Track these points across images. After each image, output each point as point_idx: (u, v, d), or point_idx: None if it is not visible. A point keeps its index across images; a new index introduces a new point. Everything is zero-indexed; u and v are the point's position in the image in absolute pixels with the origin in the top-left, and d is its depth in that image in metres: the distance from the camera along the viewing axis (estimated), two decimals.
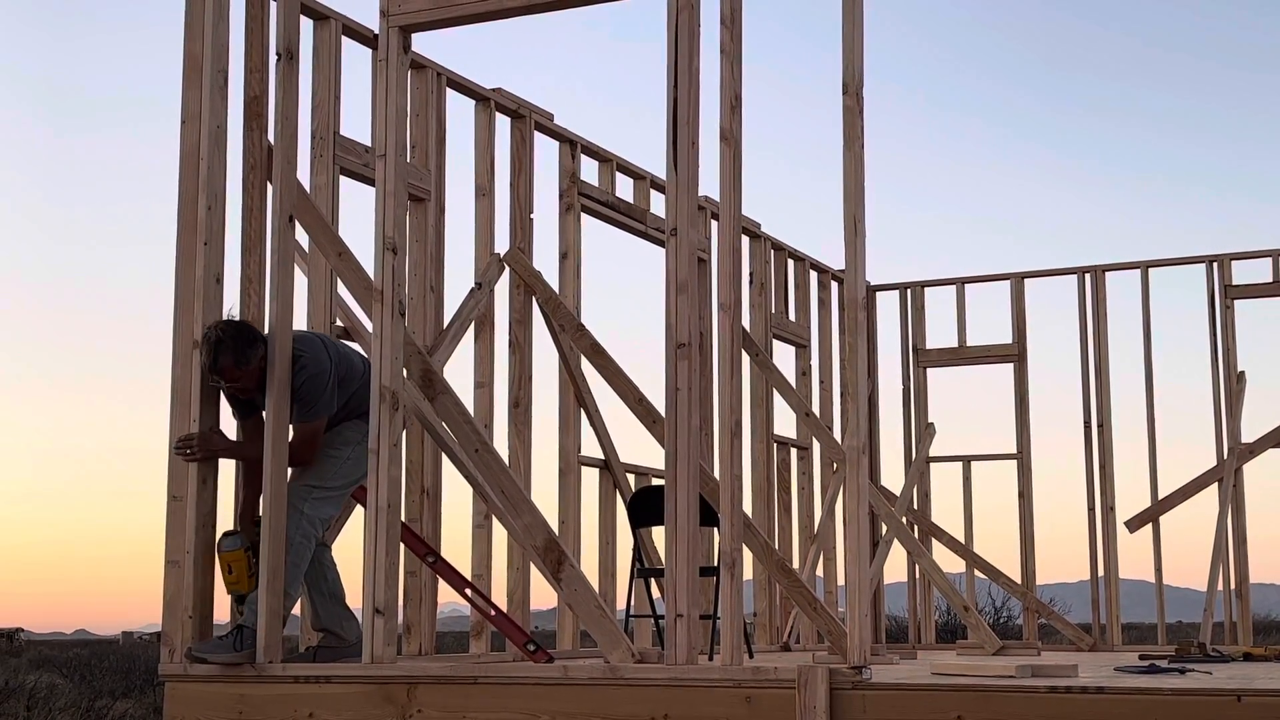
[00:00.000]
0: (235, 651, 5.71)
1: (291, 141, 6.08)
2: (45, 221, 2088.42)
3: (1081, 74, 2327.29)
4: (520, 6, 5.58)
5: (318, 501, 5.91)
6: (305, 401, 5.88)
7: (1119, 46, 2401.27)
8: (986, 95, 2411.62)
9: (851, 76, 5.18)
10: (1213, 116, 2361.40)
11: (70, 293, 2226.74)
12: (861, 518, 5.08)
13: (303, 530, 5.84)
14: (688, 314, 5.25)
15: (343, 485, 5.99)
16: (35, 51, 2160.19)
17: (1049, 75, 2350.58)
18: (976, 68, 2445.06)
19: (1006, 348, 11.48)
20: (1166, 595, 11.01)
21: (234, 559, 5.84)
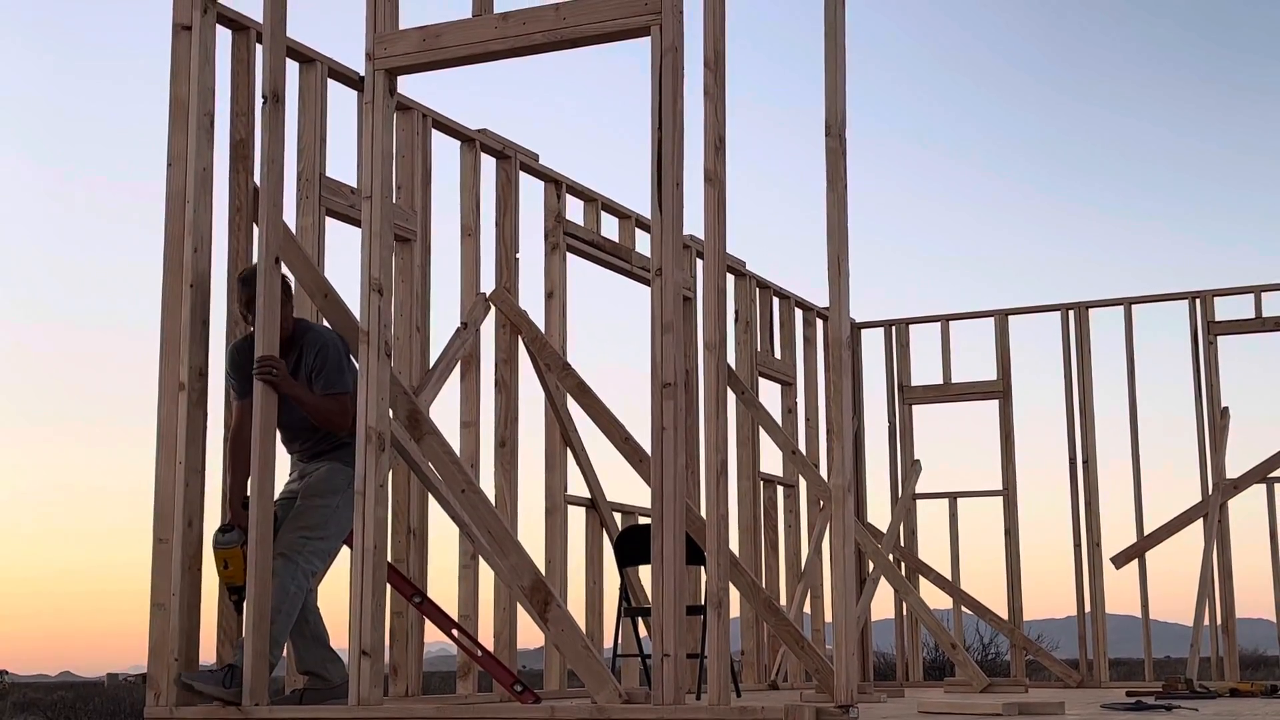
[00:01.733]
0: (224, 688, 5.69)
1: (277, 183, 6.10)
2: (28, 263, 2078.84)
3: (1065, 113, 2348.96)
4: (505, 50, 5.61)
5: (311, 554, 5.88)
6: (333, 368, 5.91)
7: (1103, 87, 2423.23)
8: (970, 134, 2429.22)
9: (834, 118, 5.22)
10: (1195, 154, 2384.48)
11: (55, 333, 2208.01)
12: (847, 555, 5.08)
13: (297, 581, 5.81)
14: (673, 353, 5.26)
15: (337, 534, 5.96)
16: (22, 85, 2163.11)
17: (1033, 114, 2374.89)
18: (960, 107, 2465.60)
19: (991, 384, 11.51)
20: (1153, 630, 11.02)
21: (230, 555, 5.83)
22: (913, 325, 11.93)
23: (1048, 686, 10.72)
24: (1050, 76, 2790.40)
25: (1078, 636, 10.91)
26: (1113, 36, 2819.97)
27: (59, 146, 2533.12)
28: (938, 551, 11.47)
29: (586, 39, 5.49)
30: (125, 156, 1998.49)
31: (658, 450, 5.23)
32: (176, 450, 5.98)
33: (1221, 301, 10.94)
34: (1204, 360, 10.83)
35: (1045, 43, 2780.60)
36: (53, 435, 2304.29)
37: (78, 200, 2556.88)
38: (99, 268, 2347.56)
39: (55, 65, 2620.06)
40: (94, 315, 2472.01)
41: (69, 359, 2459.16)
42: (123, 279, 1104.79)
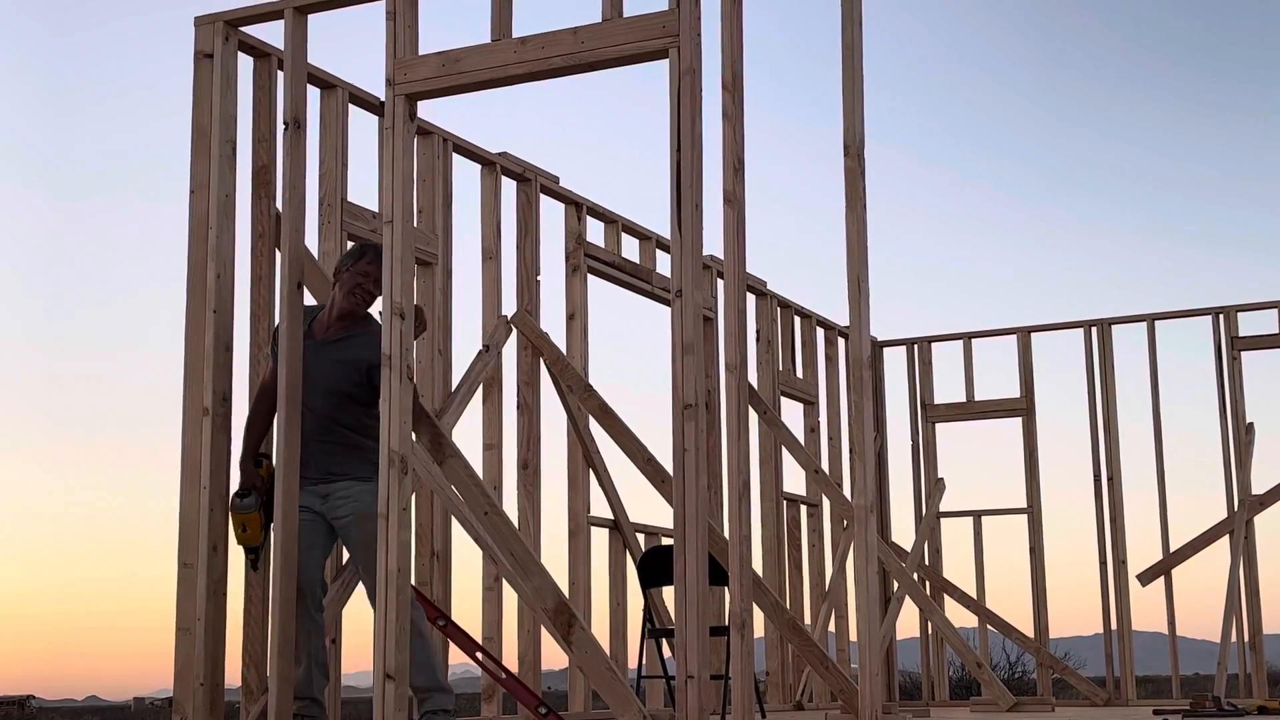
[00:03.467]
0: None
1: (299, 209, 6.13)
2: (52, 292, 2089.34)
3: (1087, 129, 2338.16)
4: (525, 73, 5.63)
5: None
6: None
7: (1123, 102, 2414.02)
8: (992, 154, 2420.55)
9: (852, 138, 5.23)
10: (1218, 170, 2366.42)
11: (80, 357, 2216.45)
12: (871, 575, 5.07)
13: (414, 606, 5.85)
14: (694, 374, 5.27)
15: None
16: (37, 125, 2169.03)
17: (1054, 131, 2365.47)
18: (980, 125, 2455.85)
19: (1014, 402, 11.49)
20: (1180, 648, 10.96)
21: (249, 519, 5.86)
22: (935, 343, 11.92)
23: (1074, 705, 10.67)
24: (1071, 97, 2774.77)
25: (1104, 654, 10.86)
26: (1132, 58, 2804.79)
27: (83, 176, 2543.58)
28: (962, 570, 11.46)
29: (605, 62, 5.51)
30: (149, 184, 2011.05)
31: (679, 471, 5.23)
32: (201, 475, 6.00)
33: (1245, 317, 10.91)
34: (1228, 376, 10.79)
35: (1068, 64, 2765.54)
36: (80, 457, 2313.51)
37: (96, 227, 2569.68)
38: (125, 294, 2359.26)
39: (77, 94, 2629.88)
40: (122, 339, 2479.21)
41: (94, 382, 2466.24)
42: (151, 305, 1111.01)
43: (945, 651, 11.76)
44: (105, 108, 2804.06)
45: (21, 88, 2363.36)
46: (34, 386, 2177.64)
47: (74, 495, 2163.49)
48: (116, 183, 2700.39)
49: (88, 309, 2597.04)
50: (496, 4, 5.72)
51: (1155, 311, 11.08)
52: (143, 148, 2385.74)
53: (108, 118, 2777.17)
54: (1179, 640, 10.91)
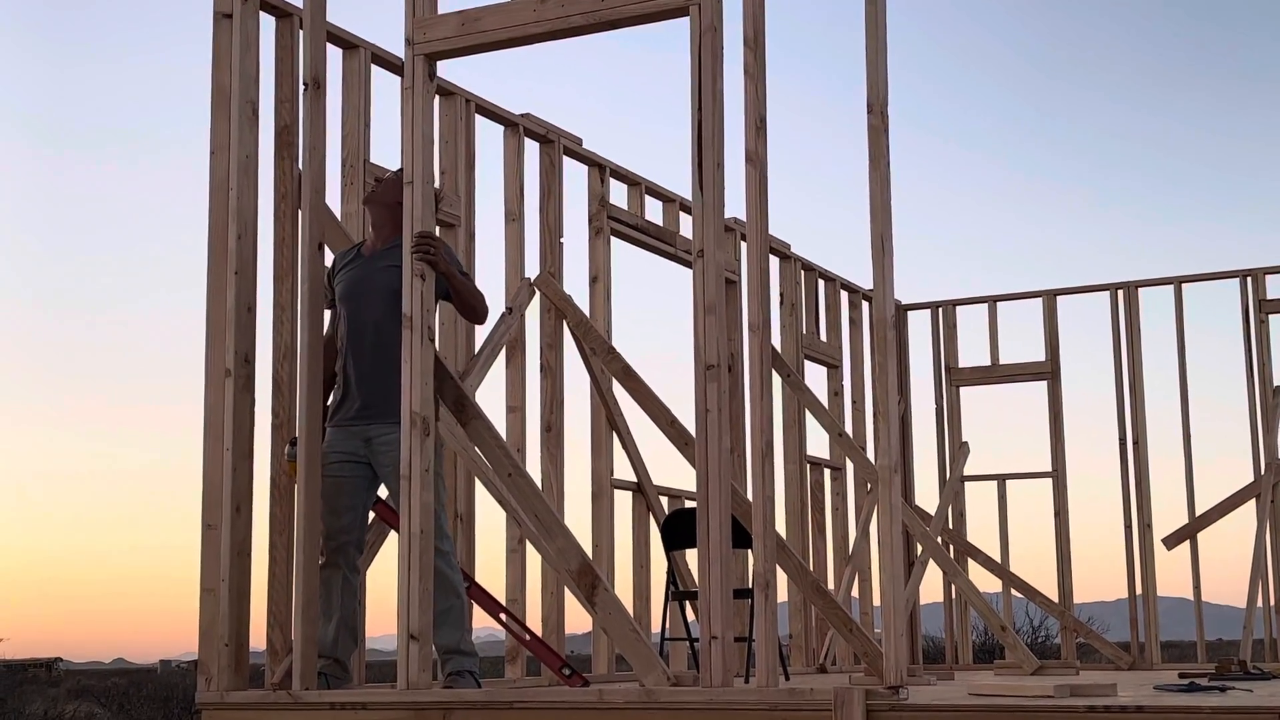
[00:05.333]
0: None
1: (321, 170, 6.12)
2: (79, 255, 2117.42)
3: (1113, 90, 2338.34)
4: (545, 32, 5.60)
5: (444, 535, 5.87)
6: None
7: (1149, 64, 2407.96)
8: (1017, 114, 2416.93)
9: (876, 95, 5.18)
10: (1245, 131, 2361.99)
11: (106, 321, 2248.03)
12: (895, 538, 5.05)
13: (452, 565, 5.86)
14: (716, 335, 5.25)
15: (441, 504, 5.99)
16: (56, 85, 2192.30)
17: (1080, 91, 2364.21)
18: (1006, 87, 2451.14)
19: (1040, 365, 11.43)
20: (1205, 612, 10.93)
21: (293, 468, 5.92)
22: (960, 306, 11.87)
23: (1099, 669, 10.65)
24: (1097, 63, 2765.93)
25: (1129, 619, 10.83)
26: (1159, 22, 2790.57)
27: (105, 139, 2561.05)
28: (986, 534, 11.43)
29: (626, 20, 5.47)
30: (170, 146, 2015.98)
31: (703, 433, 5.22)
32: (224, 436, 6.01)
33: (1273, 279, 10.82)
34: (1255, 339, 10.71)
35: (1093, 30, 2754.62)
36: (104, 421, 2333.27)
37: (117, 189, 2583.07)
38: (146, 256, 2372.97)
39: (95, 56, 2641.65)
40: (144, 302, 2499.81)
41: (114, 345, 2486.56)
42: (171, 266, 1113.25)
43: (969, 615, 11.75)
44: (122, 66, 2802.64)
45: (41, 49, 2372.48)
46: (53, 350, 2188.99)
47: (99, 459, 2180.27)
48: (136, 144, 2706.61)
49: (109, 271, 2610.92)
50: None
51: (1182, 274, 11.00)
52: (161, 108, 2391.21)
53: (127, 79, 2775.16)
54: (1204, 605, 10.87)
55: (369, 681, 6.54)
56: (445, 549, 5.84)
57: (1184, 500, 10.77)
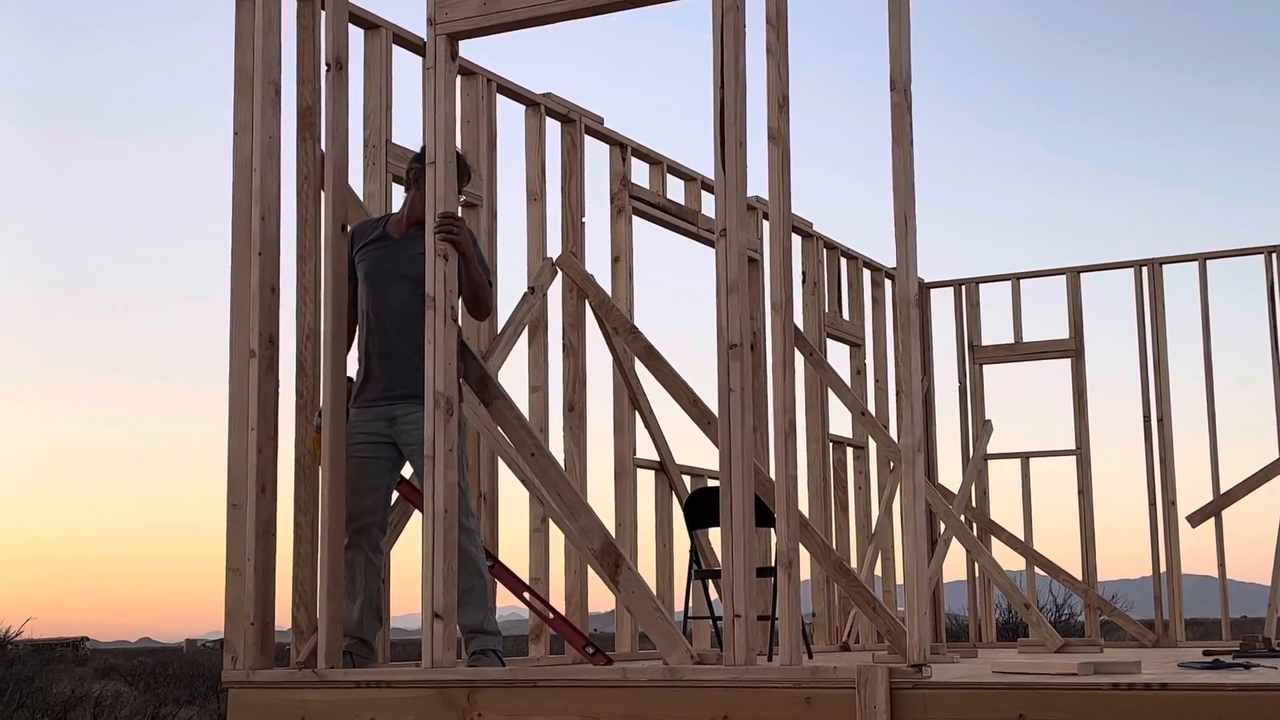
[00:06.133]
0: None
1: (343, 151, 6.13)
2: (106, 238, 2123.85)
3: (1137, 67, 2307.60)
4: (566, 10, 5.59)
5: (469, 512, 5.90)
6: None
7: (1173, 42, 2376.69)
8: (1041, 92, 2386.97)
9: (899, 73, 5.16)
10: (1269, 107, 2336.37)
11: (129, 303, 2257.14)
12: (918, 516, 5.05)
13: (475, 543, 5.88)
14: (739, 314, 5.25)
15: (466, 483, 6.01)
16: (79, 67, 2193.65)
17: (1104, 69, 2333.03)
18: (1029, 66, 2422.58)
19: (1063, 343, 11.40)
20: (1230, 590, 10.90)
21: (316, 441, 5.98)
22: (983, 284, 11.83)
23: (1123, 646, 10.64)
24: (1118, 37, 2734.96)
25: (1153, 596, 10.81)
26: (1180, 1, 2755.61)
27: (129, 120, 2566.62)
28: (1010, 512, 11.42)
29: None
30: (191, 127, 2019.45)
31: (725, 412, 5.23)
32: (248, 416, 6.04)
33: None
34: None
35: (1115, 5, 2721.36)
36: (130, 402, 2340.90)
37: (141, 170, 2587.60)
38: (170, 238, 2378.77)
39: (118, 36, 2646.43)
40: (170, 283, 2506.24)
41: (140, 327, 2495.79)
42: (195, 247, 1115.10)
43: (993, 593, 11.74)
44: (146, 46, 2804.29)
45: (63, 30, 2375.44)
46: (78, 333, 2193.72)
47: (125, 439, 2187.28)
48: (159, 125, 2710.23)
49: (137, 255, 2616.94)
50: None
51: (1206, 251, 10.94)
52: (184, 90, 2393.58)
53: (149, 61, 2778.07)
54: (1229, 583, 10.84)
55: (393, 660, 6.58)
56: (470, 527, 5.86)
57: (1209, 477, 10.73)
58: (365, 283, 6.09)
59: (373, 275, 6.08)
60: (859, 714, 4.83)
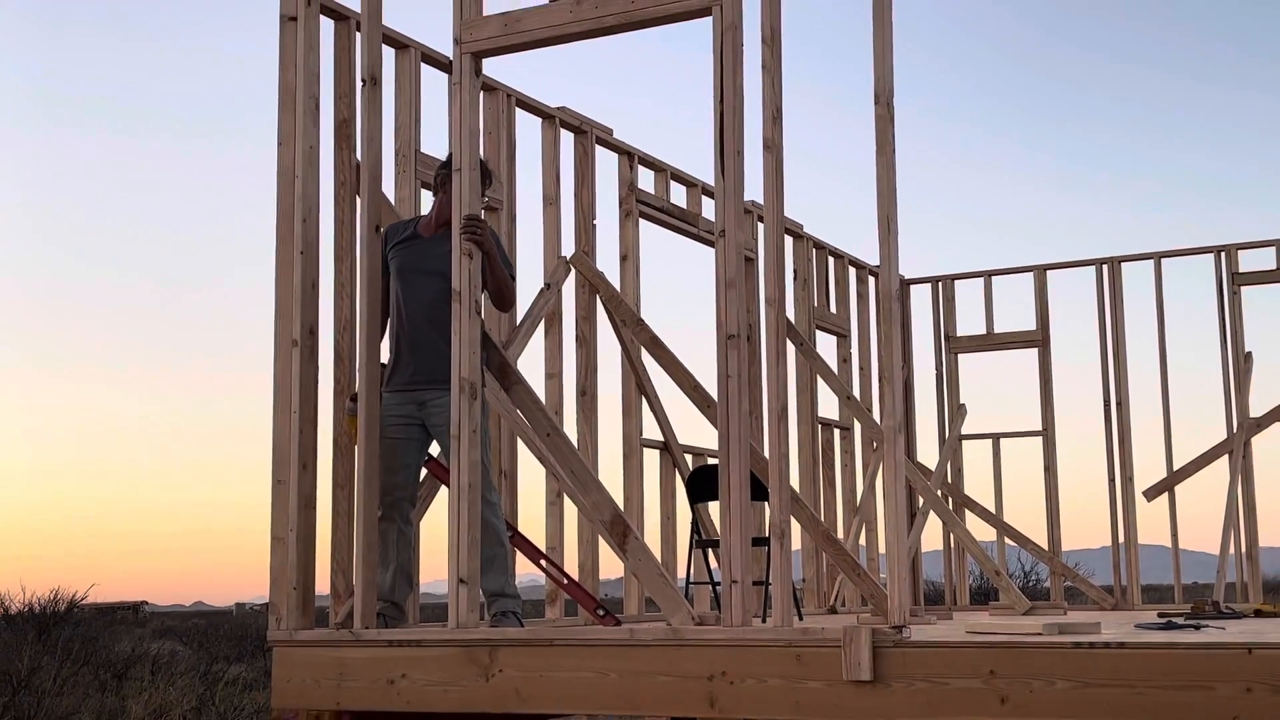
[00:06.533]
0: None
1: (377, 159, 6.12)
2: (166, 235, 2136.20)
3: (1100, 79, 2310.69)
4: (580, 31, 5.58)
5: (491, 487, 5.89)
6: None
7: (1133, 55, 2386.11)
8: (1012, 101, 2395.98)
9: (882, 88, 5.15)
10: (1221, 116, 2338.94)
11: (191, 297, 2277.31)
12: (899, 491, 5.05)
13: (498, 514, 5.90)
14: (737, 308, 5.24)
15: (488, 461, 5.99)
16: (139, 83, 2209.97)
17: (1070, 80, 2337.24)
18: (1003, 76, 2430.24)
19: (1031, 334, 11.38)
20: (1182, 559, 10.88)
21: (351, 422, 6.00)
22: (958, 280, 11.80)
23: (1085, 609, 10.62)
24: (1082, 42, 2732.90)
25: (1112, 564, 10.80)
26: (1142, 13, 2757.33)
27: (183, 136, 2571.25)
28: (982, 487, 11.40)
29: (654, 20, 5.45)
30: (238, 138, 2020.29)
31: (724, 397, 5.22)
32: (291, 400, 6.04)
33: (1245, 254, 10.73)
34: (1229, 309, 10.63)
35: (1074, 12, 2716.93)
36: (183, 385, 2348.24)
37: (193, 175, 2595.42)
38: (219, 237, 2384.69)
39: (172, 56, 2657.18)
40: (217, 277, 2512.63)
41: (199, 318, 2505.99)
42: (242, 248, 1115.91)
43: (966, 561, 11.73)
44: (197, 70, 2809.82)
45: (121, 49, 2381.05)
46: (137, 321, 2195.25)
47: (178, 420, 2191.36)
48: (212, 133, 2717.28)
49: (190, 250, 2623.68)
50: None
51: (1162, 250, 10.91)
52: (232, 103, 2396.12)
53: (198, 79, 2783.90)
54: (1181, 552, 10.82)
55: (423, 621, 6.58)
56: (492, 500, 5.86)
57: (1163, 456, 10.71)
58: (397, 278, 6.10)
59: (403, 271, 6.08)
60: (845, 671, 4.83)
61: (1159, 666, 4.48)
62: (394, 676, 5.65)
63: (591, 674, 5.29)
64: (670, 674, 5.16)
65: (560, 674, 5.35)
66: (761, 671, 5.00)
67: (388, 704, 5.66)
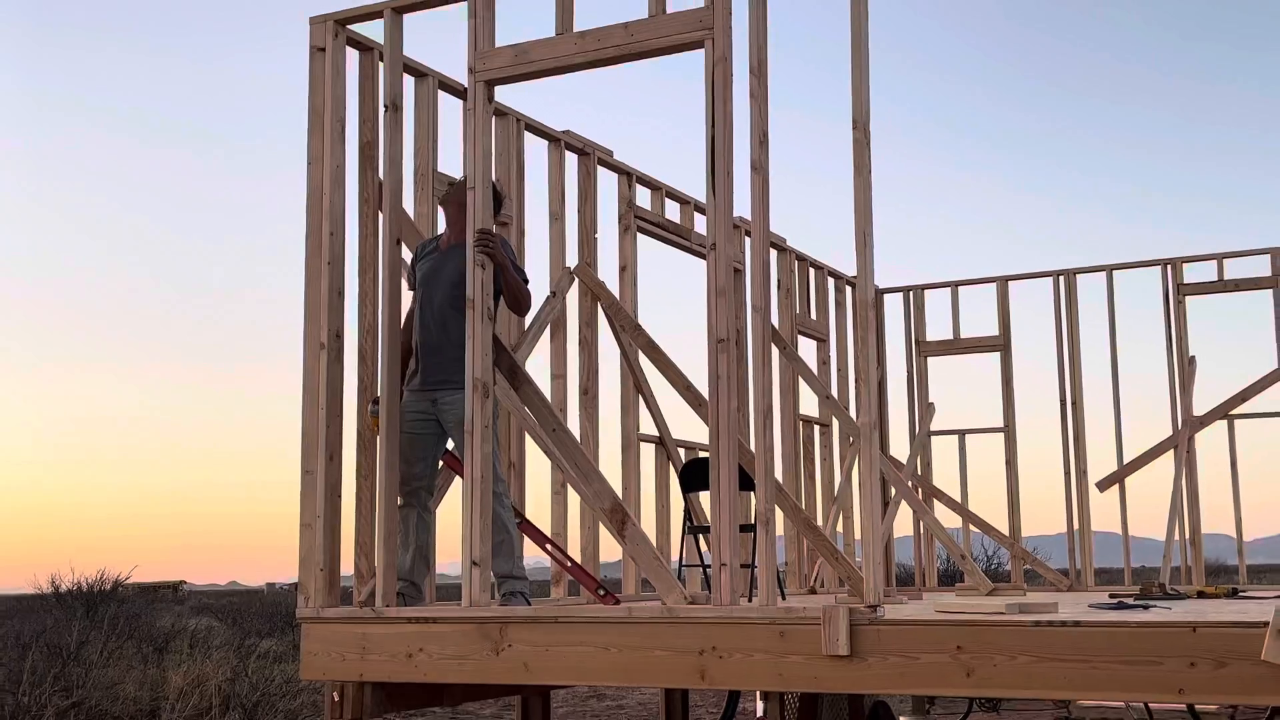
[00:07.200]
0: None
1: (398, 178, 6.12)
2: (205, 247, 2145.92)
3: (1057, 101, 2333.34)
4: (584, 62, 5.58)
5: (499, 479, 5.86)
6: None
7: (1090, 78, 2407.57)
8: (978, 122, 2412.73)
9: (860, 114, 5.15)
10: (1167, 136, 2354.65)
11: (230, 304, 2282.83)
12: (873, 483, 5.05)
13: (505, 505, 5.86)
14: (726, 315, 5.24)
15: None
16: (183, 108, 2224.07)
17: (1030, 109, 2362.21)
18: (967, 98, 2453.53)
19: (994, 339, 11.38)
20: (1131, 545, 10.88)
21: (375, 422, 5.98)
22: (927, 290, 11.80)
23: (1043, 591, 10.62)
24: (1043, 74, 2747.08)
25: (1068, 549, 10.79)
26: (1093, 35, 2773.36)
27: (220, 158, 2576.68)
28: (949, 479, 11.40)
29: (652, 52, 5.45)
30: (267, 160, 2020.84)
31: (714, 396, 5.22)
32: (319, 398, 6.04)
33: (1189, 267, 10.73)
34: (1174, 317, 10.63)
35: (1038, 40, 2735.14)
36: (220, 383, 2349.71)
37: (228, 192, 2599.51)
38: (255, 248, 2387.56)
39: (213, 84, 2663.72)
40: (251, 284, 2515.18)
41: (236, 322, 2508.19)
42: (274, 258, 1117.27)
43: (935, 546, 11.72)
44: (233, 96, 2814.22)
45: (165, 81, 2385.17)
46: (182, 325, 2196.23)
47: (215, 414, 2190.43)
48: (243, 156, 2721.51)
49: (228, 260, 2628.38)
50: (560, 3, 5.66)
51: (1113, 263, 10.91)
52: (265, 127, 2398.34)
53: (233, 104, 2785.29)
54: (1130, 538, 10.83)
55: (439, 600, 6.57)
56: (500, 491, 5.85)
57: (1114, 451, 10.71)
58: (419, 288, 6.11)
59: (424, 282, 6.10)
60: (824, 646, 4.83)
61: (1111, 643, 4.48)
62: (413, 650, 5.64)
63: (593, 648, 5.29)
64: (665, 649, 5.15)
65: (565, 648, 5.34)
66: (748, 646, 5.00)
67: (407, 676, 5.66)
